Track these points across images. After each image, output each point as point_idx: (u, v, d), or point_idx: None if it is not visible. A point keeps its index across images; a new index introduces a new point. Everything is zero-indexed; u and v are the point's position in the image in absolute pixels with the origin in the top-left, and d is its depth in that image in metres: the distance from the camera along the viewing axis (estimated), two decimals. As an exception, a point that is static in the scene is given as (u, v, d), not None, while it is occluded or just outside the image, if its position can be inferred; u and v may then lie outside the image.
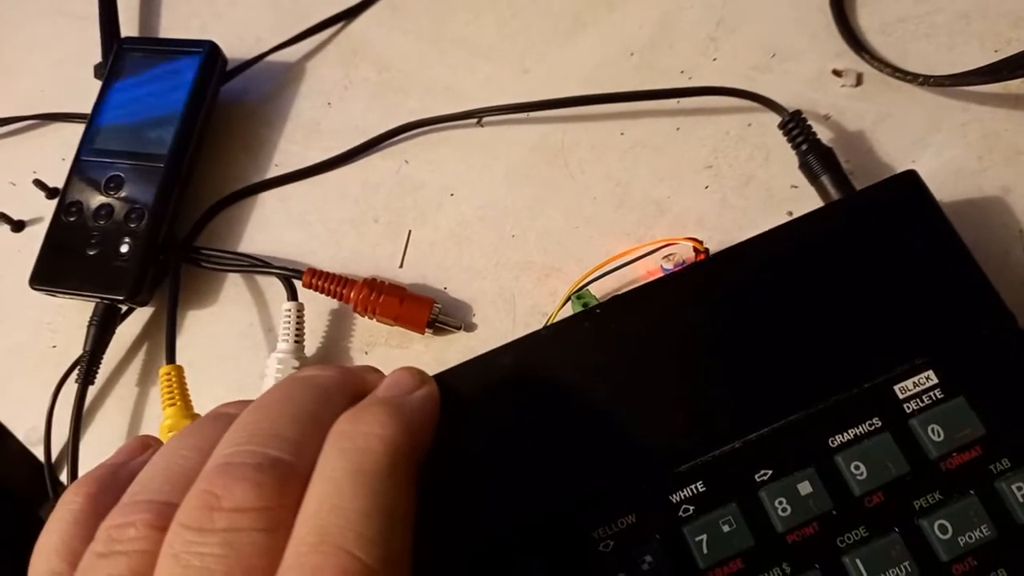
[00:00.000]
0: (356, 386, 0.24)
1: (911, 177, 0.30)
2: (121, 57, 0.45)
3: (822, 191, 0.35)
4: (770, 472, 0.26)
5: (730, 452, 0.27)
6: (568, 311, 0.36)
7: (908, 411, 0.27)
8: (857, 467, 0.26)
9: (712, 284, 0.29)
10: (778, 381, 0.27)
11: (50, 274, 0.41)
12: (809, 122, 0.36)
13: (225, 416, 0.22)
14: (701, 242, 0.35)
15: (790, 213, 0.38)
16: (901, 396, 0.27)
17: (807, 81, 0.40)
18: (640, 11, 0.44)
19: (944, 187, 0.37)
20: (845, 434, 0.27)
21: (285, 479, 0.19)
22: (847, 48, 0.40)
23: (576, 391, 0.28)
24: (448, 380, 0.27)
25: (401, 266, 0.40)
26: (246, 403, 0.22)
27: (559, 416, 0.27)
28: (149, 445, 0.24)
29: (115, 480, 0.22)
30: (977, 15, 0.40)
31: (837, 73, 0.40)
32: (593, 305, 0.30)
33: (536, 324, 0.37)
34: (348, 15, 0.48)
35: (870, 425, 0.27)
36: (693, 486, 0.26)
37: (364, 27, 0.48)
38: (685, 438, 0.27)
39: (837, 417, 0.27)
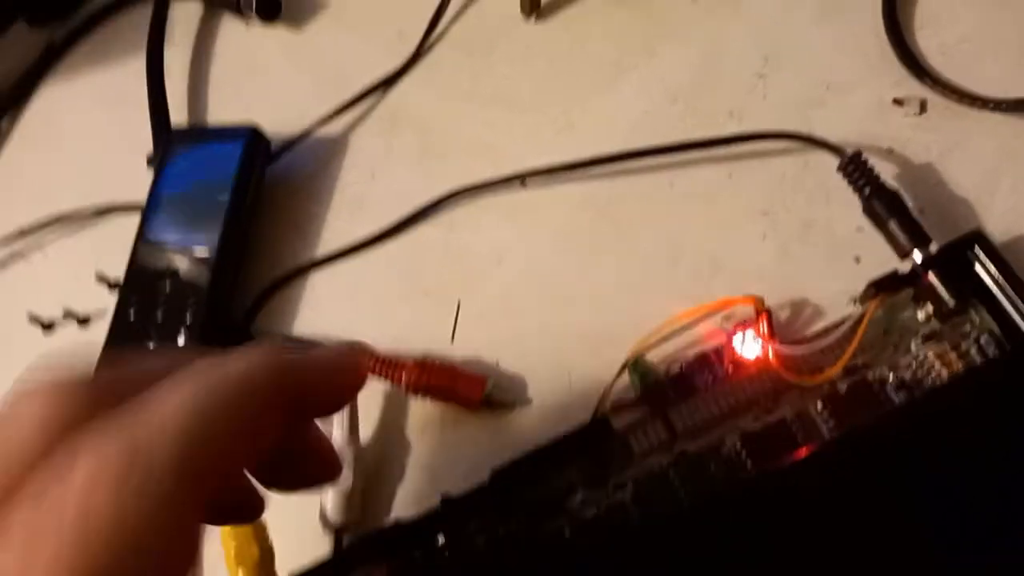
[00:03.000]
0: None
1: None
2: (171, 148, 0.46)
3: (890, 238, 0.33)
4: None
5: None
6: (624, 380, 0.35)
7: None
8: None
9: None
10: None
11: (113, 369, 0.42)
12: (871, 163, 0.34)
13: None
14: (762, 301, 0.33)
15: (857, 259, 0.35)
16: None
17: (866, 113, 0.38)
18: (682, 52, 0.43)
19: (1022, 223, 0.34)
20: None
21: None
22: (907, 74, 0.38)
23: None
24: None
25: (452, 341, 0.39)
26: None
27: None
28: None
29: None
30: (1049, 26, 0.37)
31: (898, 102, 0.38)
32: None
33: (593, 395, 0.36)
34: (386, 83, 0.47)
35: None
36: None
37: (403, 93, 0.47)
38: None
39: None
